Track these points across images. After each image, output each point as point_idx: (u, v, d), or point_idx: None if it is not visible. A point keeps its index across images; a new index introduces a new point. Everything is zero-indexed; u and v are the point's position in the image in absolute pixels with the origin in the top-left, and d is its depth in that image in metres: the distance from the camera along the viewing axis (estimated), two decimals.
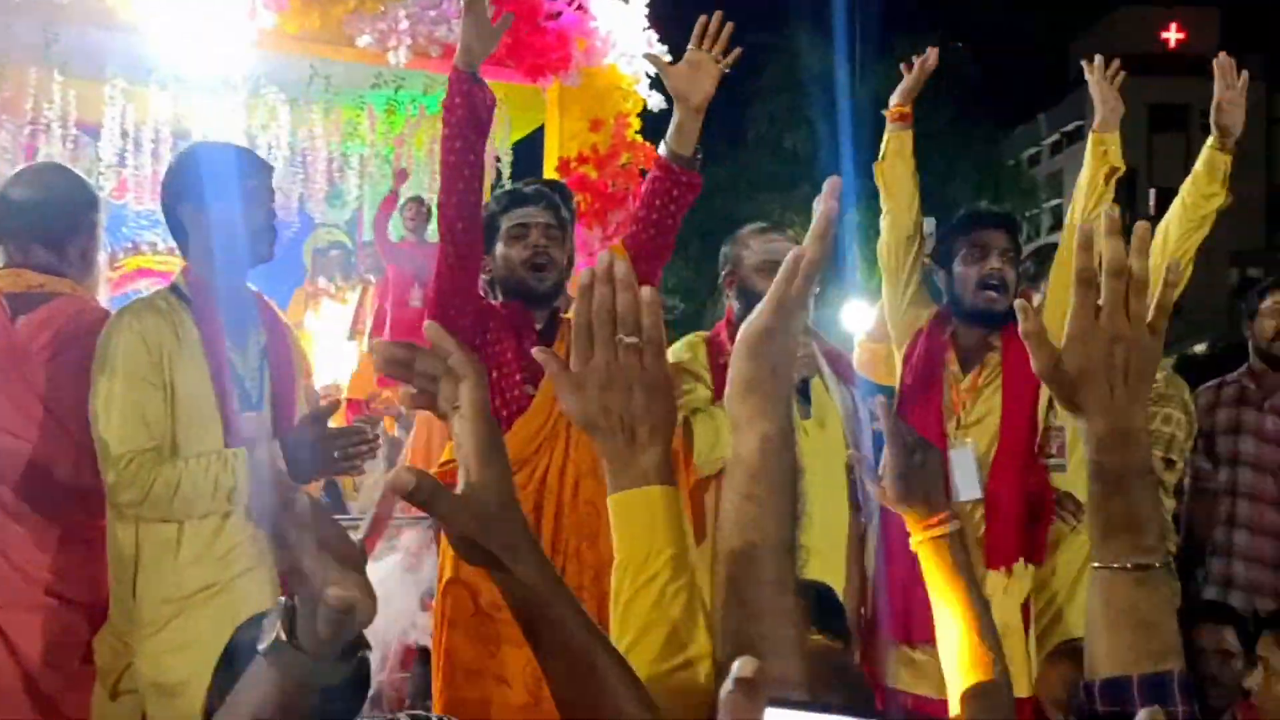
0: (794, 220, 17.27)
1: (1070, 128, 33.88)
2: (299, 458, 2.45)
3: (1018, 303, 1.13)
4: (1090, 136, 3.18)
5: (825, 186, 1.07)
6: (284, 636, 0.89)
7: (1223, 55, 3.24)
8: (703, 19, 2.68)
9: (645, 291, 1.06)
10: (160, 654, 2.39)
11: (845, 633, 1.69)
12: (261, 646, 0.90)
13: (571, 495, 2.70)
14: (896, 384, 3.21)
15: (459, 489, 0.95)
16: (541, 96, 5.43)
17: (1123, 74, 3.20)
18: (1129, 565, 1.05)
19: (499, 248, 2.80)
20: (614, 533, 1.11)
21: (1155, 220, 3.41)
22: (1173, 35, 35.09)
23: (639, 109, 5.34)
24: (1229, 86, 3.20)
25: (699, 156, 2.73)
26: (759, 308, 1.05)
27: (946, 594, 1.53)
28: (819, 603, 1.64)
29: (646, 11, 5.33)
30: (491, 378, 2.71)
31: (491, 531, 0.92)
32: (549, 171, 5.30)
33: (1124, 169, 3.15)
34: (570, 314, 2.81)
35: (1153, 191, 33.57)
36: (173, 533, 2.42)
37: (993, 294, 3.02)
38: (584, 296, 1.06)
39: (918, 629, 2.92)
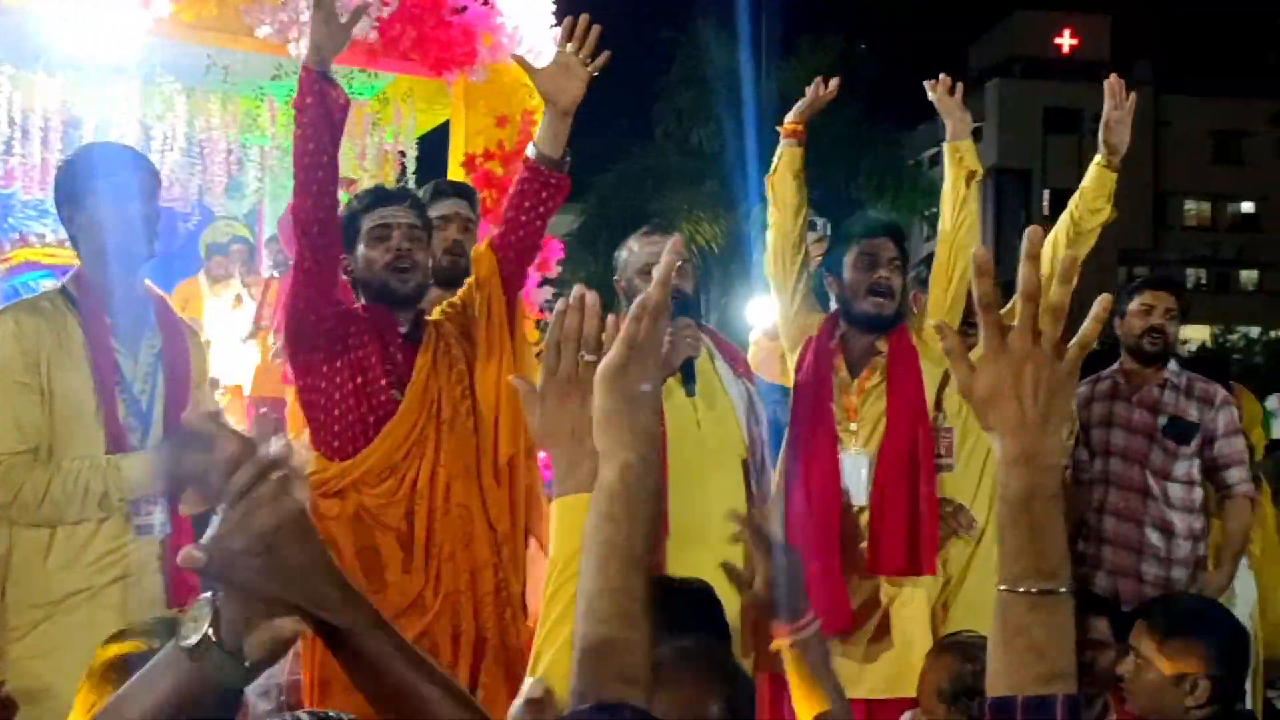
0: (700, 216, 17.47)
1: (974, 127, 34.72)
2: None
3: (936, 323, 1.17)
4: (945, 147, 3.31)
5: (670, 242, 1.22)
6: (212, 635, 0.89)
7: (1113, 77, 3.38)
8: (569, 20, 2.65)
9: (611, 319, 1.22)
10: (27, 659, 2.37)
11: (724, 631, 1.73)
12: (185, 643, 0.90)
13: (444, 499, 2.67)
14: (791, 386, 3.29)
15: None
16: (447, 91, 5.39)
17: (956, 87, 3.33)
18: (1030, 590, 1.06)
19: (360, 248, 2.72)
20: (552, 532, 1.25)
21: (1050, 220, 3.54)
22: (1066, 41, 36.19)
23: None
24: (1117, 106, 3.35)
25: (567, 159, 2.72)
26: (613, 346, 1.12)
27: (806, 689, 1.71)
28: (697, 602, 1.67)
29: (554, 8, 5.33)
30: (356, 384, 2.65)
31: (295, 588, 0.93)
32: (454, 167, 5.27)
33: (981, 172, 3.29)
34: (435, 315, 2.82)
35: (1047, 192, 34.71)
36: (44, 537, 2.39)
37: (880, 299, 3.13)
38: (557, 321, 1.24)
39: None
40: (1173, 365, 3.81)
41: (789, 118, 3.40)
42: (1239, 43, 37.91)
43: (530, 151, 2.74)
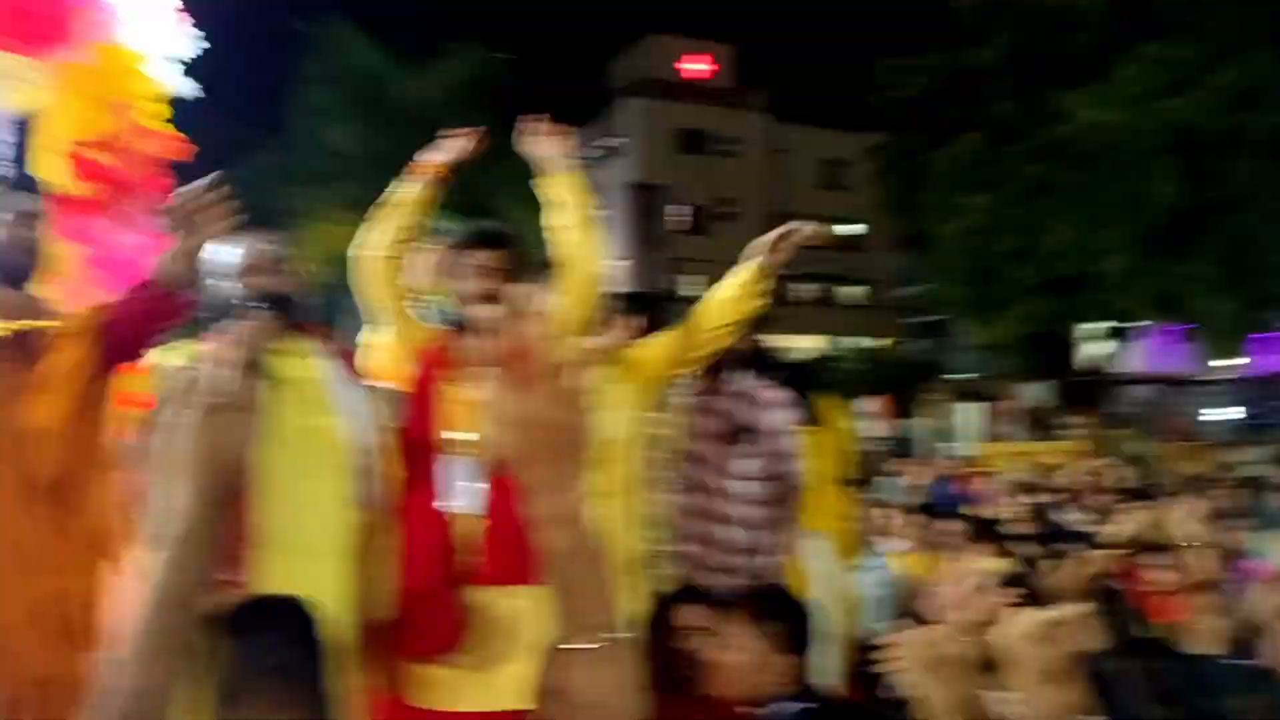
0: (339, 218, 16.91)
1: (613, 143, 36.17)
2: None
3: (484, 371, 1.08)
4: (535, 185, 3.43)
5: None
6: None
7: (832, 229, 3.62)
8: (209, 182, 2.67)
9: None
10: None
11: (313, 647, 1.68)
12: None
13: None
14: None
15: None
16: (42, 71, 4.90)
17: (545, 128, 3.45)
18: (572, 648, 1.06)
19: None
20: None
21: (688, 236, 3.69)
22: (694, 66, 38.40)
23: (158, 94, 4.99)
24: (785, 239, 3.61)
25: (192, 283, 2.74)
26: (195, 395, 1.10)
27: None
28: (286, 617, 1.63)
29: None
30: None
31: None
32: (47, 153, 4.81)
33: (576, 199, 3.40)
34: None
35: (690, 208, 36.68)
36: None
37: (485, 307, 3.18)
38: (170, 386, 1.15)
39: (432, 643, 2.98)
40: (737, 373, 4.16)
41: (435, 159, 3.39)
42: (842, 81, 41.96)
43: (156, 266, 2.70)
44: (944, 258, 20.72)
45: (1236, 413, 22.74)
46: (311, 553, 2.80)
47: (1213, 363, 21.56)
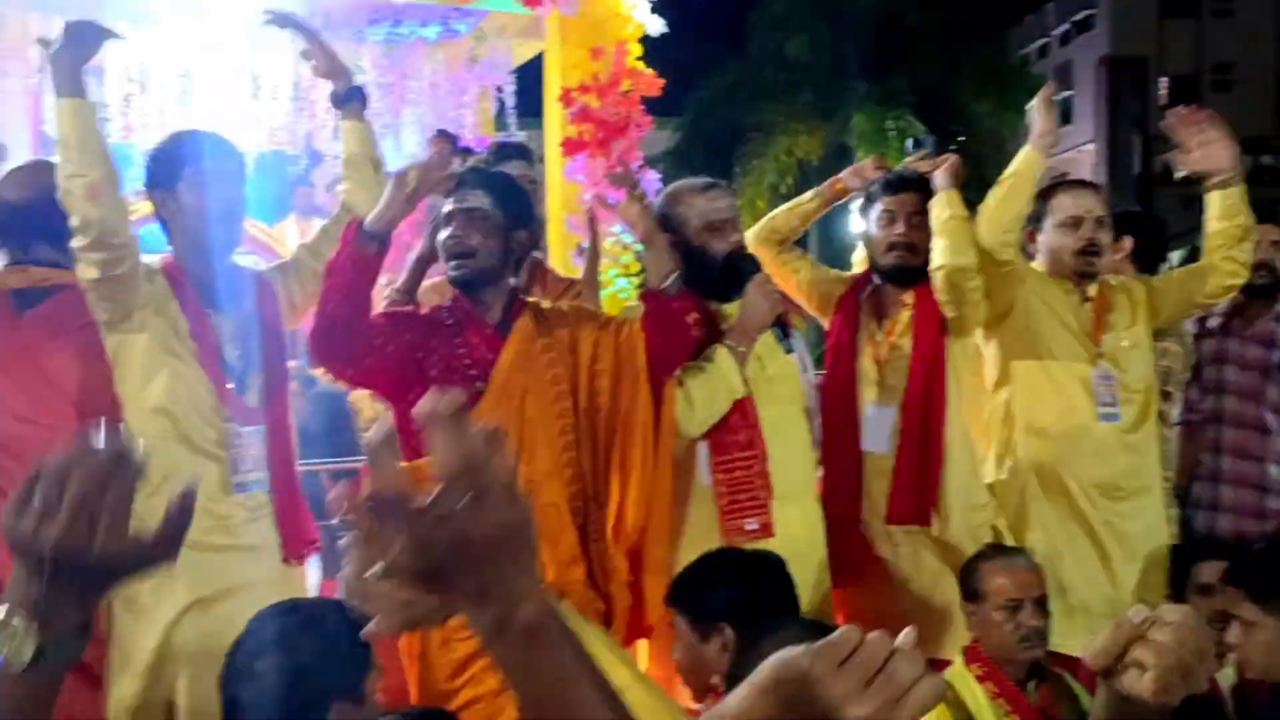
0: (797, 129, 17.13)
1: (1080, 16, 33.17)
2: None
3: None
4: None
5: None
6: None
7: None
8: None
9: None
10: None
11: None
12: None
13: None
14: None
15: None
16: (541, 24, 5.42)
17: None
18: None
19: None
20: None
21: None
22: None
23: (639, 35, 5.34)
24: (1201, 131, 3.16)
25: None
26: None
27: None
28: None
29: None
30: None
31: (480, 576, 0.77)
32: (550, 101, 5.33)
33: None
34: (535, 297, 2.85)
35: (1164, 80, 32.72)
36: None
37: (901, 254, 3.14)
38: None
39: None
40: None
41: (842, 177, 3.38)
42: None
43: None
44: None
45: None
46: (791, 497, 2.95)
47: None
